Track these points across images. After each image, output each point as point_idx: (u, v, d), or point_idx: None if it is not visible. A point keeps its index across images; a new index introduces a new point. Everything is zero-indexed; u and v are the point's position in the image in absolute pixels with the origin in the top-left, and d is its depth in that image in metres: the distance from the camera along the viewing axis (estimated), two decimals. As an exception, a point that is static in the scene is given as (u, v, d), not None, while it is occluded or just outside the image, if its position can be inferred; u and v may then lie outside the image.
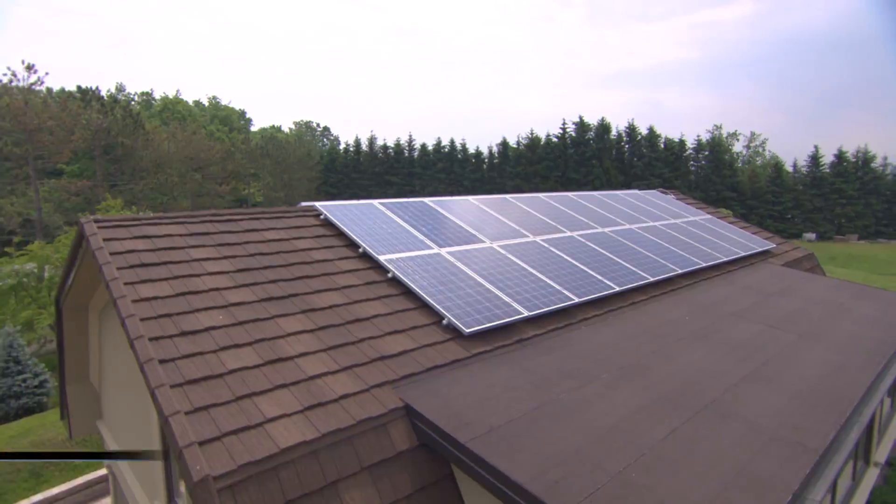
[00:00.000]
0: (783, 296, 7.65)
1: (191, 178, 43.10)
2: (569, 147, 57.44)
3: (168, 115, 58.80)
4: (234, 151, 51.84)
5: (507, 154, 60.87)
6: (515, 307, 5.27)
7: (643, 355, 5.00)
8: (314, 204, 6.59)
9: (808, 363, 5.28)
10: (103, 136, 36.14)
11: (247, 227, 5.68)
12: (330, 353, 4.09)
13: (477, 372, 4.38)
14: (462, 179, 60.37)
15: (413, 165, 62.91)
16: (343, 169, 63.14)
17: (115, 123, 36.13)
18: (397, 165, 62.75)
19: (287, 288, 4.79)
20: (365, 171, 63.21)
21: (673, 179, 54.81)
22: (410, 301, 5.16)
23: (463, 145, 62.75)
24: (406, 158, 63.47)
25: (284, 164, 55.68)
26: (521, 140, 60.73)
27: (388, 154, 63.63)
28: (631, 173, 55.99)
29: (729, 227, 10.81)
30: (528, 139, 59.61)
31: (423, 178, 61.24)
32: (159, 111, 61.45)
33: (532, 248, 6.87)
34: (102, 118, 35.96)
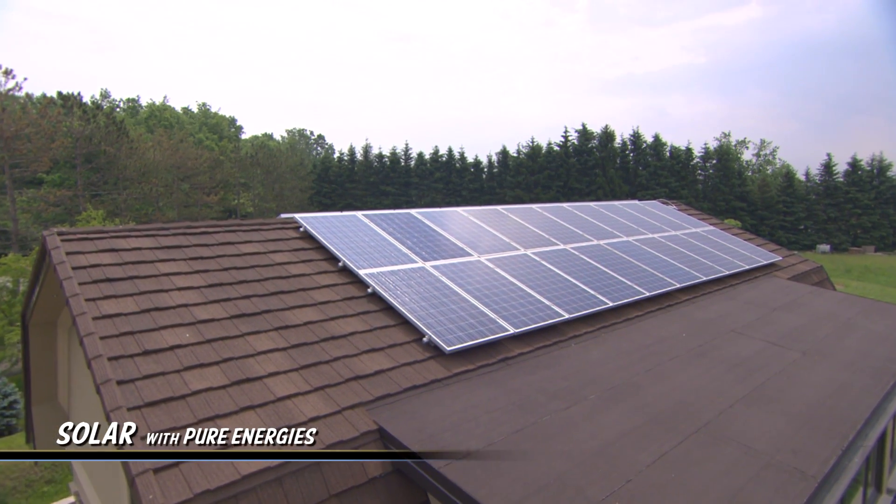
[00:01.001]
0: (787, 311, 7.63)
1: (177, 188, 43.18)
2: (571, 156, 57.71)
3: (154, 122, 59.03)
4: (223, 160, 51.95)
5: (507, 163, 61.13)
6: (501, 324, 5.24)
7: (635, 374, 4.96)
8: (294, 216, 6.58)
9: (811, 383, 5.24)
10: (85, 144, 36.20)
11: (222, 241, 5.67)
12: (302, 373, 4.06)
13: (457, 392, 4.34)
14: (460, 189, 60.54)
15: (409, 175, 63.09)
16: (337, 178, 63.29)
17: (97, 131, 36.22)
18: (393, 175, 62.92)
19: (260, 304, 4.77)
20: (359, 180, 63.37)
21: (679, 189, 55.02)
22: (391, 318, 5.13)
23: (461, 154, 63.04)
24: (402, 167, 63.67)
25: (276, 174, 55.81)
26: (521, 149, 61.06)
27: (384, 163, 63.83)
28: (636, 183, 56.20)
29: (733, 238, 10.81)
30: (528, 147, 59.92)
31: (420, 188, 61.40)
32: (145, 118, 61.70)
33: (522, 261, 6.85)
34: (84, 125, 36.07)
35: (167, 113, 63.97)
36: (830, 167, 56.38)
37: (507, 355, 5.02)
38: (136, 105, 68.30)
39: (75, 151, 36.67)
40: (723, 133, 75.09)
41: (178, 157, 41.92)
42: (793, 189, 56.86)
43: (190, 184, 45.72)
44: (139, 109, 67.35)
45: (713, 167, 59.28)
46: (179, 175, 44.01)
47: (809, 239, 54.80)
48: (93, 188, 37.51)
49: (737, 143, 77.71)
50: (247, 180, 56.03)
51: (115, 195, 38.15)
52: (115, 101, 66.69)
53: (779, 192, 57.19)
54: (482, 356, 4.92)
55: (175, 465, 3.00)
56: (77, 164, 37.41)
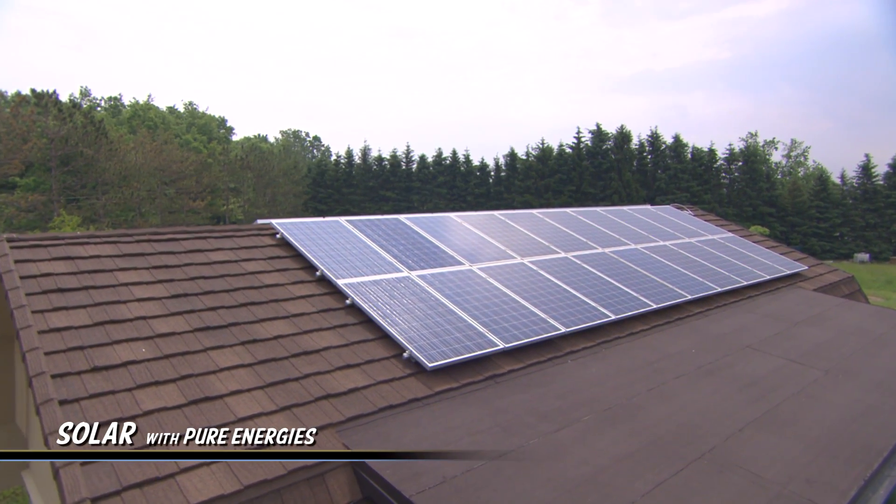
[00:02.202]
0: (811, 325, 7.55)
1: (161, 193, 43.45)
2: (584, 158, 57.73)
3: (138, 122, 59.52)
4: (211, 163, 52.28)
5: (516, 166, 61.19)
6: (490, 338, 5.20)
7: (635, 394, 4.90)
8: (270, 221, 6.57)
9: (833, 404, 5.16)
10: (61, 146, 36.43)
11: (190, 248, 5.66)
12: (267, 391, 4.02)
13: (438, 413, 4.29)
14: (465, 195, 60.62)
15: (411, 179, 63.25)
16: (333, 183, 63.50)
17: (74, 131, 36.45)
18: (393, 179, 63.10)
19: (228, 316, 4.74)
20: (357, 185, 63.56)
21: (702, 193, 54.89)
22: (369, 331, 5.10)
23: (466, 157, 63.17)
24: (403, 171, 63.86)
25: (267, 178, 56.11)
26: (530, 151, 61.10)
27: (384, 166, 64.05)
28: (654, 187, 56.12)
29: (753, 246, 10.74)
30: (538, 149, 59.97)
31: (423, 194, 61.52)
32: (128, 118, 62.25)
33: (518, 271, 6.81)
34: (60, 125, 36.33)
35: (152, 112, 64.52)
36: (869, 169, 56.04)
37: (495, 372, 4.97)
38: (119, 104, 68.95)
39: (50, 153, 36.92)
40: (749, 133, 75.20)
41: (162, 160, 42.23)
42: (827, 193, 56.55)
43: (175, 188, 46.02)
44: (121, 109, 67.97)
45: (739, 170, 59.13)
46: (164, 179, 44.31)
47: (846, 247, 54.41)
48: (69, 193, 37.75)
49: (765, 143, 77.64)
50: (237, 185, 56.34)
51: (93, 200, 38.40)
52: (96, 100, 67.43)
53: (811, 197, 56.91)
54: (468, 373, 4.87)
55: (117, 492, 2.96)
56: (52, 166, 37.67)
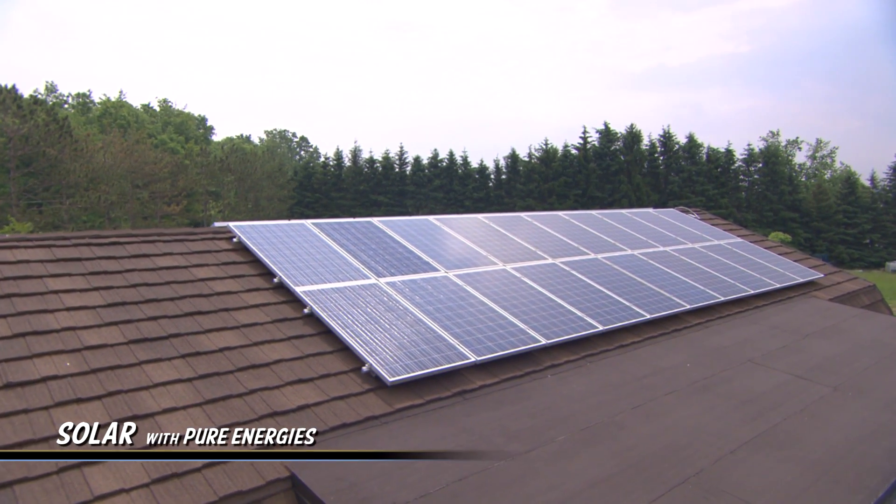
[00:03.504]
0: (822, 338, 7.49)
1: (133, 197, 43.41)
2: (591, 160, 57.79)
3: (109, 120, 59.58)
4: (188, 164, 52.28)
5: (517, 169, 61.24)
6: (461, 350, 5.12)
7: (619, 412, 4.82)
8: (228, 224, 6.51)
9: (839, 424, 5.09)
10: (21, 145, 36.31)
11: (135, 253, 5.59)
12: (205, 408, 3.94)
13: (396, 432, 4.21)
14: (463, 199, 60.64)
15: (405, 182, 63.30)
16: (321, 187, 63.49)
17: (36, 130, 36.36)
18: (386, 182, 63.15)
19: (169, 326, 4.67)
20: (347, 188, 63.58)
21: (718, 197, 54.90)
22: (328, 343, 5.03)
23: (464, 158, 63.27)
24: (396, 174, 63.92)
25: (250, 181, 56.09)
26: (533, 152, 61.13)
27: (375, 169, 64.12)
28: (667, 191, 56.15)
29: (764, 252, 10.69)
30: (541, 150, 60.02)
31: (417, 198, 61.53)
32: (98, 116, 62.34)
33: (499, 278, 6.75)
34: (21, 123, 36.24)
35: (124, 110, 64.66)
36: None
37: (465, 388, 4.90)
38: (88, 101, 69.04)
39: (9, 153, 36.72)
40: (770, 132, 75.16)
41: (134, 161, 42.20)
42: (855, 197, 56.56)
43: (149, 192, 45.95)
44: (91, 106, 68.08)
45: (758, 172, 59.22)
46: (135, 181, 44.24)
47: (877, 255, 54.32)
48: (30, 196, 37.61)
49: (787, 143, 77.86)
50: (217, 188, 56.30)
51: (56, 205, 38.31)
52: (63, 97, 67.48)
53: (838, 201, 56.91)
54: (434, 388, 4.79)
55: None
56: (11, 167, 37.49)
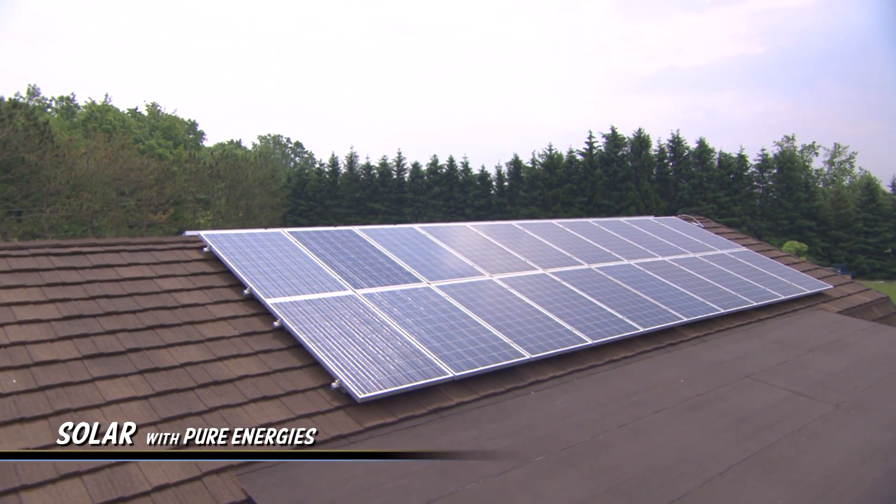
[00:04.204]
0: (827, 353, 7.43)
1: (117, 205, 43.48)
2: (597, 166, 57.88)
3: (95, 125, 59.80)
4: (176, 171, 52.41)
5: (520, 175, 61.32)
6: (439, 365, 5.08)
7: (603, 430, 4.77)
8: (199, 233, 6.49)
9: (839, 444, 5.03)
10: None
11: (98, 263, 5.58)
12: (161, 427, 3.90)
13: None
14: (464, 207, 60.71)
15: (403, 189, 63.44)
16: (315, 194, 63.59)
17: (14, 134, 36.44)
18: (383, 190, 63.28)
19: (129, 341, 4.64)
20: (343, 196, 63.73)
21: (731, 205, 54.91)
22: (298, 358, 5.00)
23: (465, 165, 63.42)
24: (394, 181, 64.07)
25: (241, 188, 56.19)
26: (536, 158, 61.23)
27: (372, 175, 64.27)
28: (676, 198, 56.18)
29: (770, 262, 10.66)
30: (545, 156, 60.12)
31: (416, 206, 61.63)
32: (83, 121, 62.56)
33: (485, 289, 6.72)
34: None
35: (110, 115, 64.86)
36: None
37: (442, 405, 4.86)
38: (72, 105, 69.30)
39: (-15, 159, 36.72)
40: (785, 136, 75.40)
41: (118, 167, 42.30)
42: (876, 204, 56.49)
43: (136, 199, 46.03)
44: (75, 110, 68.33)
45: (773, 178, 59.24)
46: (121, 188, 44.32)
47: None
48: (9, 204, 37.61)
49: (803, 148, 78.08)
50: (207, 195, 56.38)
51: (37, 213, 38.36)
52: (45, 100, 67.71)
53: (858, 208, 56.87)
54: (409, 406, 4.75)
55: None
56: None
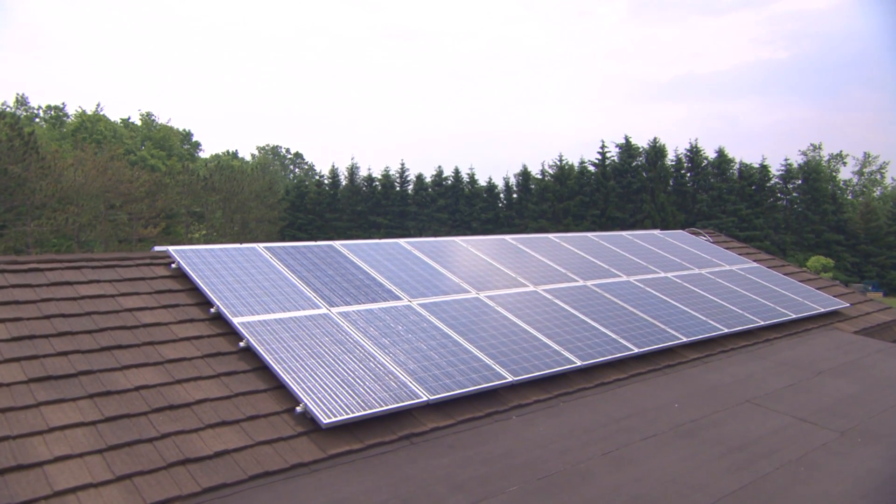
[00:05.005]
0: (838, 376, 7.34)
1: (106, 218, 43.74)
2: (610, 177, 57.82)
3: (84, 134, 60.36)
4: (168, 183, 52.76)
5: (529, 187, 61.31)
6: (413, 388, 5.04)
7: (586, 458, 4.71)
8: (168, 248, 6.50)
9: (840, 475, 4.94)
10: (-18, 162, 36.80)
11: (56, 280, 5.58)
12: (106, 456, 3.86)
13: (326, 481, 4.12)
14: (470, 220, 60.73)
15: (406, 202, 63.54)
16: (315, 207, 63.75)
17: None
18: (385, 203, 63.41)
19: (81, 363, 4.62)
20: (343, 209, 63.88)
21: (752, 218, 54.69)
22: (263, 380, 4.97)
23: (471, 176, 63.52)
24: (397, 193, 64.21)
25: (236, 201, 56.44)
26: (546, 169, 61.20)
27: (374, 188, 64.45)
28: (695, 210, 56.00)
29: (782, 279, 10.57)
30: (555, 167, 60.10)
31: (420, 219, 61.70)
32: (73, 131, 63.15)
33: (469, 307, 6.68)
34: (-17, 139, 36.74)
35: (101, 124, 65.47)
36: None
37: (414, 430, 4.81)
38: (62, 114, 70.03)
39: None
40: (811, 145, 75.15)
41: (107, 179, 42.60)
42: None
43: (128, 213, 46.29)
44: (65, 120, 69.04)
45: (797, 189, 59.00)
46: (110, 201, 44.59)
47: (935, 282, 53.76)
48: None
49: (830, 157, 77.78)
50: (202, 209, 56.66)
51: (21, 226, 38.60)
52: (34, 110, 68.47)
53: (890, 221, 56.50)
54: (378, 431, 4.71)
55: None
56: (-29, 187, 37.80)
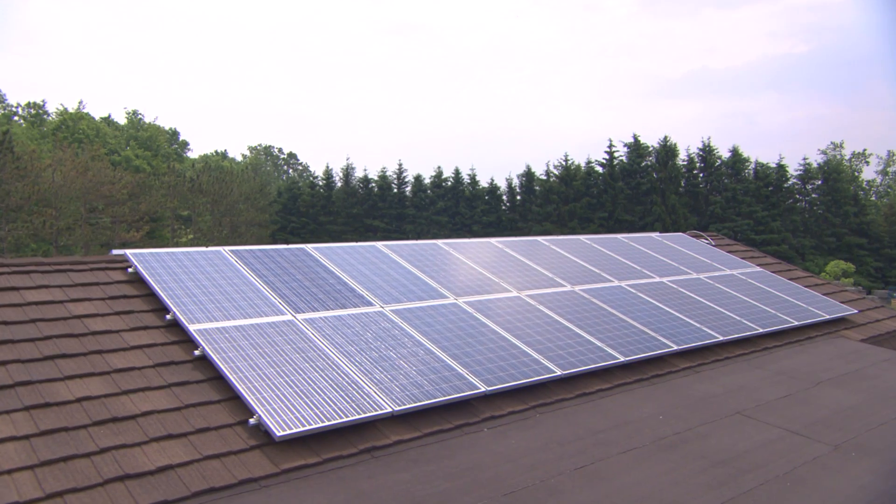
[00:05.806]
0: (837, 386, 7.32)
1: (86, 221, 43.79)
2: (618, 178, 57.73)
3: (66, 133, 60.50)
4: (152, 185, 52.82)
5: (533, 188, 61.24)
6: (378, 399, 5.02)
7: (556, 474, 4.68)
8: (125, 252, 6.48)
9: (829, 491, 4.91)
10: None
11: (2, 285, 5.56)
12: (38, 472, 3.84)
13: (276, 498, 4.09)
14: (471, 223, 60.66)
15: (404, 205, 63.52)
16: (308, 210, 63.72)
17: (-29, 145, 36.89)
18: (382, 205, 63.38)
19: (20, 373, 4.60)
20: (338, 212, 63.82)
21: (769, 220, 54.54)
22: (217, 391, 4.95)
23: (472, 177, 63.42)
24: (394, 195, 64.19)
25: (225, 203, 56.44)
26: (551, 169, 61.08)
27: (371, 189, 64.44)
28: (707, 212, 55.91)
29: (787, 284, 10.54)
30: (561, 167, 60.01)
31: (418, 222, 61.66)
32: (53, 129, 63.29)
33: (446, 313, 6.66)
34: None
35: (83, 123, 65.60)
36: None
37: (376, 444, 4.79)
38: (42, 112, 70.22)
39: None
40: (832, 144, 75.03)
41: (88, 181, 42.66)
42: (936, 219, 56.04)
43: (110, 216, 46.31)
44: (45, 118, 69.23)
45: (817, 190, 58.85)
46: (92, 203, 44.64)
47: (964, 288, 53.62)
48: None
49: (852, 156, 77.62)
50: (189, 211, 56.67)
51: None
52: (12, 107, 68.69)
53: (916, 223, 56.36)
54: (338, 445, 4.69)
55: None
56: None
